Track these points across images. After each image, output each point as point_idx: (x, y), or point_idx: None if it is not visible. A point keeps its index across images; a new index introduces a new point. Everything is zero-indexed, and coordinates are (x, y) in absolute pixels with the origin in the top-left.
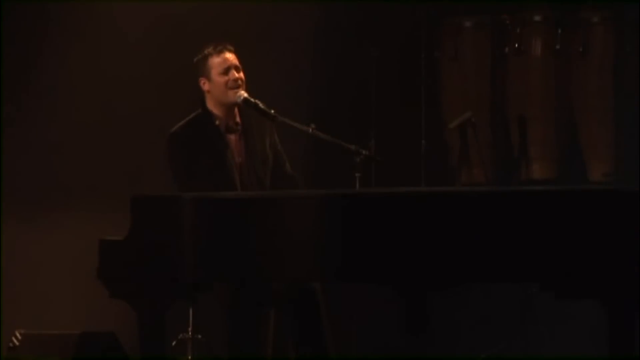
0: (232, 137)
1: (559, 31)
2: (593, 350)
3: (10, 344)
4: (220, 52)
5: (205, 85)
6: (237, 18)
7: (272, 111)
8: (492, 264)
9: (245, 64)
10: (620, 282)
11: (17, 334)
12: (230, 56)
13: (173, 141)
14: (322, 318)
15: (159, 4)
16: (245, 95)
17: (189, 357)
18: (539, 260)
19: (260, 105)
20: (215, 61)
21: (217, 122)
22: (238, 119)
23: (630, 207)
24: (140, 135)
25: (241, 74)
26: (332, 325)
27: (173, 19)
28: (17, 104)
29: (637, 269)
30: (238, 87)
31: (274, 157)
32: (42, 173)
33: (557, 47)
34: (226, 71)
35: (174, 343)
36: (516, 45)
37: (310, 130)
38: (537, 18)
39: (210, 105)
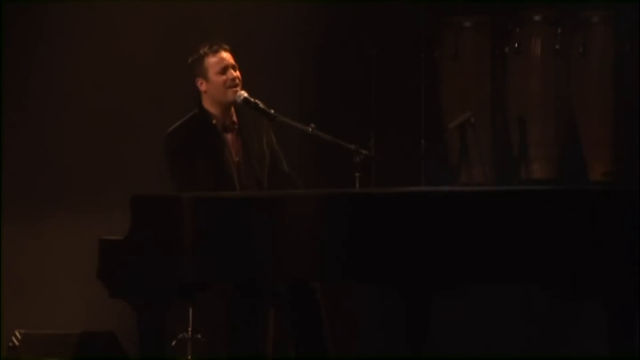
0: (229, 137)
1: (559, 31)
2: (593, 350)
3: (10, 344)
4: (216, 51)
5: (202, 86)
6: (237, 18)
7: (272, 111)
8: (492, 264)
9: (244, 63)
10: (620, 282)
11: (17, 334)
12: (226, 55)
13: (170, 141)
14: (322, 318)
15: (158, 4)
16: (246, 94)
17: (189, 357)
18: (539, 260)
19: (261, 105)
20: (212, 61)
21: (214, 122)
22: (235, 118)
23: (630, 207)
24: (140, 135)
25: (238, 73)
26: (332, 325)
27: (173, 19)
28: (17, 105)
29: (637, 269)
30: (236, 85)
31: (270, 156)
32: (42, 173)
33: (557, 47)
34: (224, 70)
35: (174, 343)
36: (516, 45)
37: (310, 130)
38: (537, 18)
39: (207, 104)
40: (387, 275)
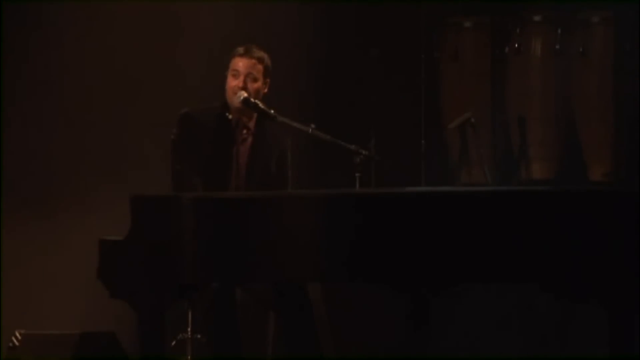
0: (242, 138)
1: (559, 31)
2: (593, 350)
3: (10, 344)
4: (242, 56)
5: (226, 79)
6: (237, 18)
7: (272, 111)
8: (492, 264)
9: None
10: (620, 282)
11: (17, 334)
12: (249, 64)
13: (181, 120)
14: (315, 320)
15: (158, 4)
16: (245, 95)
17: (189, 357)
18: (539, 260)
19: (260, 105)
20: (235, 61)
21: (230, 117)
22: (251, 123)
23: (630, 207)
24: (140, 135)
25: (253, 85)
26: (333, 326)
27: (173, 19)
28: (17, 105)
29: (637, 269)
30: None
31: (276, 178)
32: (42, 173)
33: (557, 47)
34: (236, 74)
35: (173, 343)
36: (516, 45)
37: (310, 130)
38: (537, 18)
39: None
40: (388, 276)
